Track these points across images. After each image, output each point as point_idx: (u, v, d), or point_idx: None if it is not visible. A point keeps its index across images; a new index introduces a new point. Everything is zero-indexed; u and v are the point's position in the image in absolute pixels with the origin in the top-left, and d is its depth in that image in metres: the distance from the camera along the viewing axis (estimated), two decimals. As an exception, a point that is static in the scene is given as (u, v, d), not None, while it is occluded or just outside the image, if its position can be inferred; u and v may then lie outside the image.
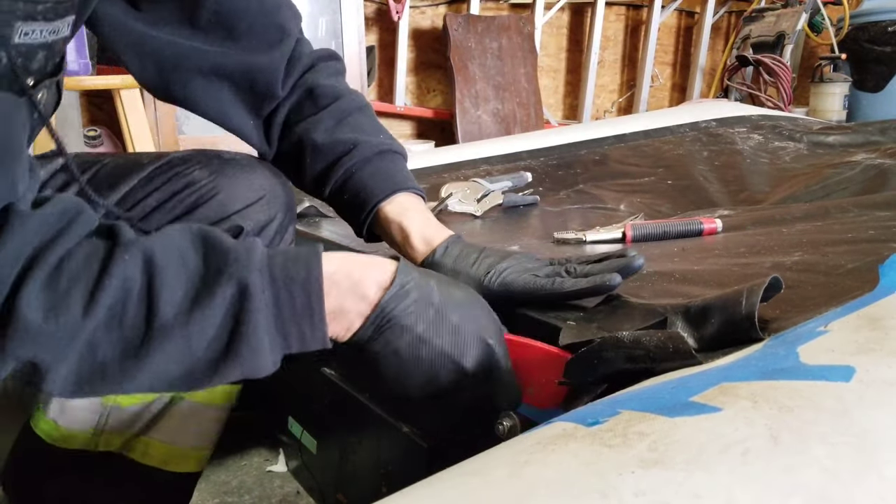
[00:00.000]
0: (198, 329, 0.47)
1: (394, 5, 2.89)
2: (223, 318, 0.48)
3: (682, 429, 0.35)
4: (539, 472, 0.33)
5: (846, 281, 0.63)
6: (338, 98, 0.75)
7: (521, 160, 1.50)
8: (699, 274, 0.71)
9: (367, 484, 0.90)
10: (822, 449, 0.32)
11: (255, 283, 0.49)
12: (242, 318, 0.48)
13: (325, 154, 0.73)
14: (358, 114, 0.76)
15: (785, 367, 0.41)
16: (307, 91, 0.75)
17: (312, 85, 0.75)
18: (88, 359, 0.46)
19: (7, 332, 0.44)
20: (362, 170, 0.72)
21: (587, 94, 3.48)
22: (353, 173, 0.72)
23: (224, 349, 0.48)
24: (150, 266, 0.47)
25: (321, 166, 0.73)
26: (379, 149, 0.74)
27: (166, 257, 0.48)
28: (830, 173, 1.24)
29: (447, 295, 0.55)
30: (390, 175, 0.73)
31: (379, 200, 0.71)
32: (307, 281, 0.50)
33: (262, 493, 1.13)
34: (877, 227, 0.82)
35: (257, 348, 0.49)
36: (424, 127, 3.29)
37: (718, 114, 1.87)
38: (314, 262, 0.51)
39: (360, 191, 0.72)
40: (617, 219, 1.06)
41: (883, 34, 3.22)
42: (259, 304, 0.48)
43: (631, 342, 0.50)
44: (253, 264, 0.49)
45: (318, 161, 0.73)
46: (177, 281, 0.48)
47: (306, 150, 0.73)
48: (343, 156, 0.72)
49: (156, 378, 0.48)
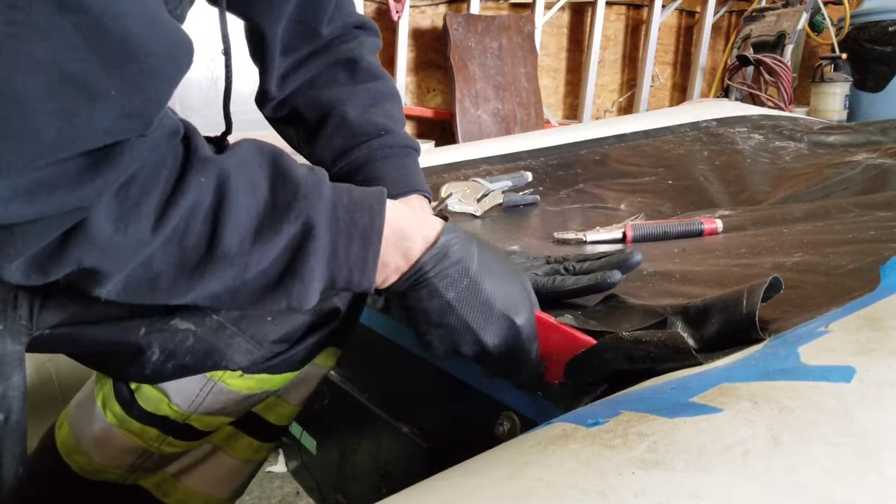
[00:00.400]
0: (256, 260, 0.48)
1: (394, 5, 2.89)
2: (282, 254, 0.49)
3: (682, 429, 0.35)
4: (539, 472, 0.33)
5: (847, 281, 0.63)
6: (377, 79, 0.75)
7: (522, 160, 1.50)
8: (699, 274, 0.71)
9: (367, 484, 0.90)
10: (823, 449, 0.32)
11: (321, 223, 0.49)
12: (300, 256, 0.49)
13: (353, 131, 0.72)
14: (391, 101, 0.76)
15: (785, 367, 0.41)
16: (348, 61, 0.74)
17: (356, 57, 0.74)
18: (144, 270, 0.46)
19: (76, 239, 0.43)
20: (386, 160, 0.72)
21: (587, 94, 3.48)
22: (376, 160, 0.72)
23: (276, 281, 0.49)
24: (222, 190, 0.47)
25: (343, 142, 0.72)
26: (405, 143, 0.74)
27: (238, 182, 0.47)
28: (831, 173, 1.24)
29: (486, 265, 0.56)
30: (410, 173, 0.73)
31: (394, 196, 0.70)
32: (368, 230, 0.51)
33: (261, 493, 1.13)
34: (877, 228, 0.82)
35: (308, 285, 0.50)
36: (424, 126, 3.29)
37: (719, 113, 1.87)
38: (377, 211, 0.52)
39: (377, 180, 0.71)
40: (617, 218, 1.05)
41: (883, 34, 3.22)
42: (319, 244, 0.49)
43: (631, 342, 0.50)
44: (321, 203, 0.49)
45: (343, 136, 0.72)
46: (245, 210, 0.47)
47: (332, 120, 0.72)
48: (372, 139, 0.72)
49: (202, 295, 0.49)
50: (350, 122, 0.72)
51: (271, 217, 0.48)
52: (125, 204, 0.44)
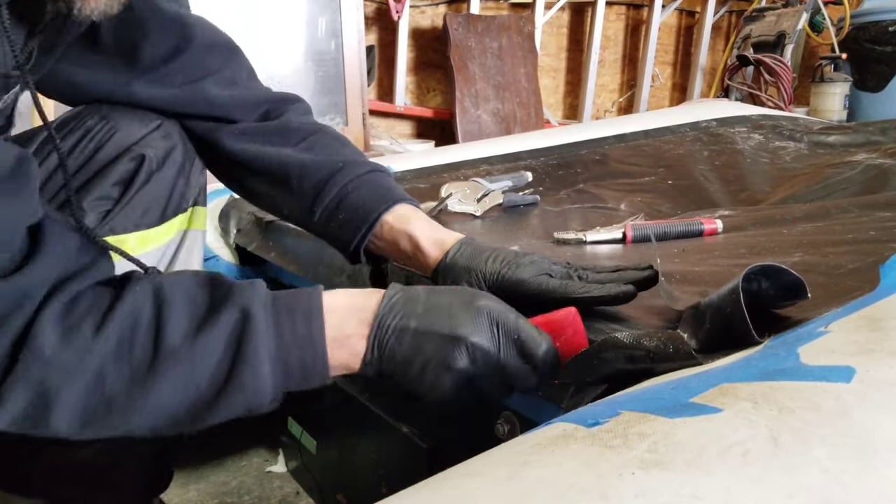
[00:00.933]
0: (202, 353, 0.49)
1: (394, 5, 2.89)
2: (226, 343, 0.50)
3: (682, 430, 0.35)
4: (539, 472, 0.33)
5: (847, 281, 0.63)
6: (315, 132, 0.78)
7: (521, 160, 1.50)
8: (700, 275, 0.71)
9: (367, 484, 0.90)
10: (823, 450, 0.32)
11: (258, 310, 0.51)
12: (245, 339, 0.50)
13: (313, 172, 0.74)
14: (337, 142, 0.79)
15: (785, 367, 0.41)
16: (282, 127, 0.78)
17: (286, 122, 0.78)
18: (96, 389, 0.48)
19: (23, 355, 0.46)
20: (359, 188, 0.73)
21: (587, 94, 3.48)
22: (348, 192, 0.73)
23: (227, 374, 0.50)
24: (159, 296, 0.50)
25: (310, 184, 0.74)
26: (369, 167, 0.76)
27: (174, 290, 0.51)
28: (831, 173, 1.24)
29: (433, 291, 0.56)
30: (387, 188, 0.74)
31: (381, 212, 0.71)
32: (308, 309, 0.53)
33: (261, 493, 1.13)
34: (877, 228, 0.82)
35: (257, 368, 0.50)
36: (424, 126, 3.29)
37: (719, 113, 1.87)
38: (315, 294, 0.54)
39: (360, 206, 0.72)
40: (617, 218, 1.05)
41: (884, 34, 3.22)
42: (261, 326, 0.50)
43: (631, 342, 0.50)
44: (256, 295, 0.52)
45: (307, 179, 0.74)
46: (183, 310, 0.50)
47: (291, 170, 0.75)
48: (335, 173, 0.74)
49: (161, 412, 0.49)
50: (308, 166, 0.74)
51: (210, 310, 0.51)
52: (69, 321, 0.48)
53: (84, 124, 0.73)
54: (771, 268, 0.51)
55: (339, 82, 2.41)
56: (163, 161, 0.74)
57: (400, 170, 1.38)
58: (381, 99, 3.15)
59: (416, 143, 3.04)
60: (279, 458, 1.19)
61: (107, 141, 0.72)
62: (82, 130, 0.73)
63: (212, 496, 1.12)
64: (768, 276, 0.52)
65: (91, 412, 0.48)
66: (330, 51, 2.39)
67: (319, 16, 2.36)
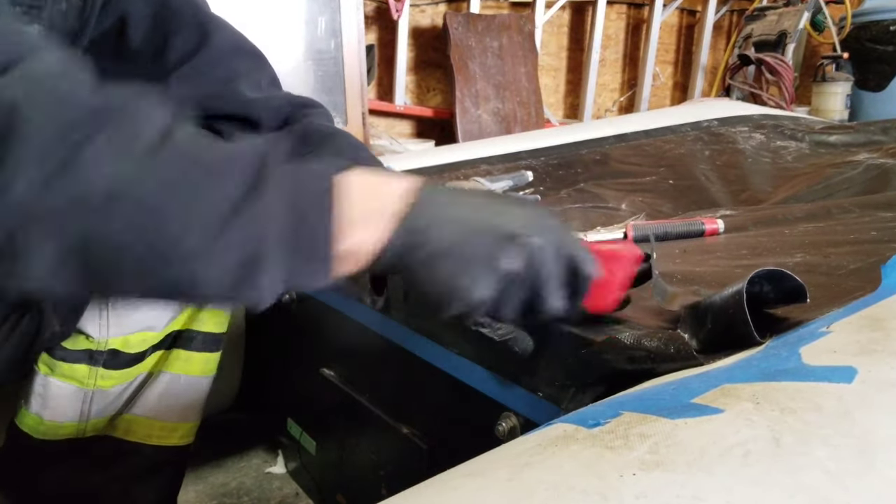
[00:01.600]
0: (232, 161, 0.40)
1: (393, 4, 2.88)
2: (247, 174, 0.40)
3: (683, 430, 0.35)
4: (539, 473, 0.33)
5: (848, 281, 0.62)
6: (333, 136, 0.78)
7: (522, 160, 1.50)
8: (701, 275, 0.70)
9: (367, 485, 0.90)
10: (825, 451, 0.32)
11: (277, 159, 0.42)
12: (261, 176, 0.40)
13: None
14: (354, 149, 0.78)
15: (787, 368, 0.41)
16: (302, 134, 0.77)
17: (307, 127, 0.78)
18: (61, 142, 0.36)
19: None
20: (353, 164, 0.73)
21: (588, 94, 3.48)
22: None
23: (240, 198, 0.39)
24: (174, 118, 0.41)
25: None
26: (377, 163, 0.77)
27: None
28: (832, 173, 1.24)
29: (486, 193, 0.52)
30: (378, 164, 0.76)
31: None
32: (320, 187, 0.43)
33: (260, 494, 1.13)
34: (879, 228, 0.82)
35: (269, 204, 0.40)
36: (424, 126, 3.29)
37: (720, 113, 1.87)
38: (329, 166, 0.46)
39: None
40: (618, 218, 1.05)
41: (885, 33, 3.22)
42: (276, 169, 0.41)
43: (632, 343, 0.50)
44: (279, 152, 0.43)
45: None
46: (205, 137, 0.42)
47: None
48: None
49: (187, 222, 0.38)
50: None
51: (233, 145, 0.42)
52: None
53: None
54: (775, 272, 0.50)
55: (338, 81, 2.41)
56: None
57: (400, 170, 1.38)
58: (381, 98, 3.15)
59: (416, 143, 3.04)
60: (278, 458, 1.19)
61: None
62: None
63: (211, 497, 1.12)
64: (770, 279, 0.52)
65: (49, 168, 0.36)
66: (329, 50, 2.39)
67: (319, 15, 2.36)
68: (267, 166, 0.41)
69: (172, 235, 0.38)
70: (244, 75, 0.78)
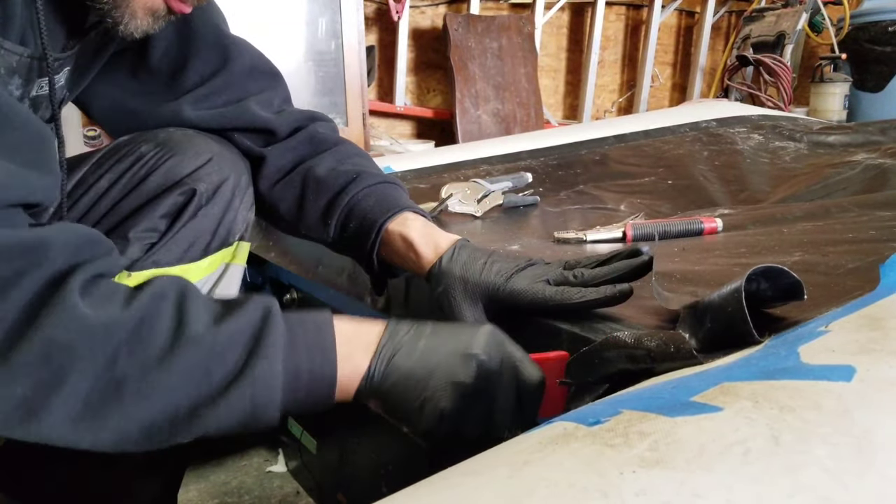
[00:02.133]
0: (223, 341, 0.49)
1: (394, 5, 2.89)
2: (249, 335, 0.50)
3: (683, 428, 0.35)
4: (539, 471, 0.33)
5: (847, 281, 0.63)
6: (338, 143, 0.80)
7: (522, 160, 1.50)
8: (700, 274, 0.71)
9: (368, 484, 0.90)
10: (824, 449, 0.32)
11: (278, 311, 0.51)
12: (263, 335, 0.50)
13: (328, 185, 0.76)
14: (357, 156, 0.80)
15: (786, 366, 0.41)
16: (308, 138, 0.80)
17: (312, 133, 0.80)
18: (108, 369, 0.46)
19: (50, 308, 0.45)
20: (368, 196, 0.74)
21: (587, 94, 3.48)
22: (358, 200, 0.74)
23: (241, 367, 0.49)
24: (185, 290, 0.51)
25: (326, 199, 0.75)
26: (382, 178, 0.77)
27: (197, 290, 0.52)
28: (831, 173, 1.24)
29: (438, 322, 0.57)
30: (395, 198, 0.75)
31: (386, 219, 0.72)
32: (320, 322, 0.53)
33: (261, 493, 1.13)
34: (877, 227, 0.82)
35: (272, 371, 0.49)
36: (424, 127, 3.29)
37: (719, 114, 1.87)
38: (324, 312, 0.54)
39: (367, 214, 0.73)
40: (617, 219, 1.05)
41: (883, 34, 3.22)
42: (279, 327, 0.51)
43: (632, 342, 0.50)
44: (274, 302, 0.53)
45: (323, 194, 0.76)
46: (206, 304, 0.51)
47: (309, 187, 0.76)
48: (348, 184, 0.75)
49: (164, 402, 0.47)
50: (323, 180, 0.76)
51: (235, 304, 0.51)
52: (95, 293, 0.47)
53: (138, 149, 0.73)
54: (772, 269, 0.51)
55: (339, 82, 2.41)
56: (212, 195, 0.73)
57: (400, 170, 1.38)
58: (381, 99, 3.16)
59: (416, 144, 3.04)
60: (279, 457, 1.19)
61: (157, 168, 0.72)
62: (135, 156, 0.73)
63: (212, 496, 1.12)
64: (768, 277, 0.52)
65: (95, 399, 0.46)
66: (330, 51, 2.39)
67: (319, 16, 2.36)
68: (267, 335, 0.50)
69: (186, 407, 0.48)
70: (256, 94, 0.80)
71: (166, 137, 0.74)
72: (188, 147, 0.73)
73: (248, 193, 0.78)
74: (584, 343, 0.55)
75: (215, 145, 0.76)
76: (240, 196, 0.76)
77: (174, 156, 0.72)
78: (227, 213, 0.74)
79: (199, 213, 0.72)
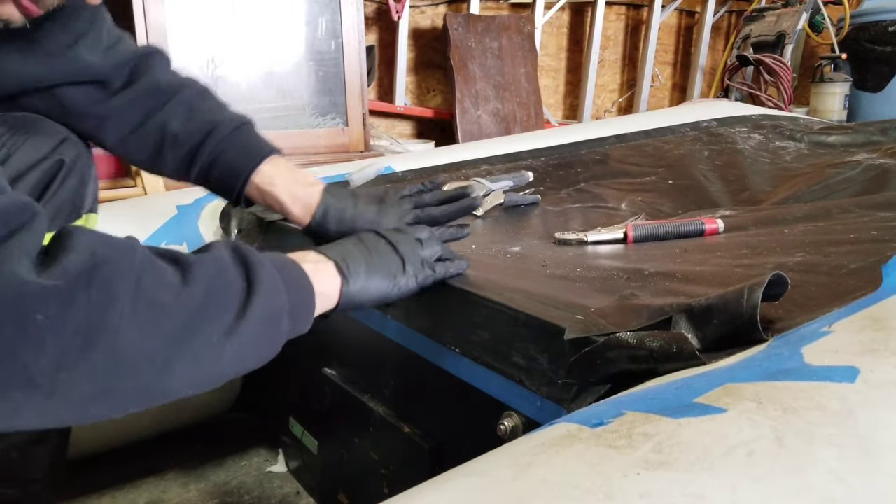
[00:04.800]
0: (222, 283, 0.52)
1: (394, 5, 2.88)
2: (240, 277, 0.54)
3: (686, 430, 0.35)
4: (543, 473, 0.33)
5: (849, 281, 0.63)
6: (181, 87, 0.84)
7: (522, 160, 1.50)
8: (701, 275, 0.70)
9: (369, 484, 0.90)
10: (828, 450, 0.32)
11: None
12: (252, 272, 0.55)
13: (184, 141, 0.82)
14: (203, 97, 0.85)
15: (789, 367, 0.41)
16: (150, 88, 0.83)
17: (153, 82, 0.83)
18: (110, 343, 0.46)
19: None
20: (227, 151, 0.82)
21: (587, 94, 3.48)
22: (219, 155, 0.82)
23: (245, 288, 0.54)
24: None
25: (184, 152, 0.82)
26: (234, 124, 0.83)
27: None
28: (832, 173, 1.24)
29: None
30: (253, 146, 0.83)
31: (247, 175, 0.81)
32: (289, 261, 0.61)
33: (261, 493, 1.13)
34: (879, 227, 0.82)
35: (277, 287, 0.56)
36: (424, 126, 3.29)
37: (719, 113, 1.87)
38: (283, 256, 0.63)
39: (229, 169, 0.82)
40: (618, 218, 1.05)
41: (883, 34, 3.22)
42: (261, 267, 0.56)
43: (634, 343, 0.50)
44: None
45: (180, 147, 0.82)
46: None
47: (166, 143, 0.83)
48: (205, 138, 0.82)
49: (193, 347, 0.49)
50: (177, 135, 0.82)
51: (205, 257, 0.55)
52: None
53: None
54: (777, 277, 0.51)
55: (339, 82, 2.41)
56: (71, 168, 0.79)
57: (400, 170, 1.38)
58: (382, 99, 3.15)
59: (417, 143, 3.04)
60: (279, 457, 1.19)
61: (21, 147, 0.76)
62: None
63: (212, 496, 1.12)
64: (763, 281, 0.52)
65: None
66: (330, 51, 2.39)
67: (319, 16, 2.35)
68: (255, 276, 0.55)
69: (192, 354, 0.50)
70: (85, 35, 0.81)
71: (15, 121, 0.78)
72: (43, 128, 0.79)
73: (94, 168, 0.85)
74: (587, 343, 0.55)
75: (60, 126, 0.81)
76: (88, 168, 0.83)
77: (32, 136, 0.77)
78: (80, 186, 0.81)
79: (64, 183, 0.77)
